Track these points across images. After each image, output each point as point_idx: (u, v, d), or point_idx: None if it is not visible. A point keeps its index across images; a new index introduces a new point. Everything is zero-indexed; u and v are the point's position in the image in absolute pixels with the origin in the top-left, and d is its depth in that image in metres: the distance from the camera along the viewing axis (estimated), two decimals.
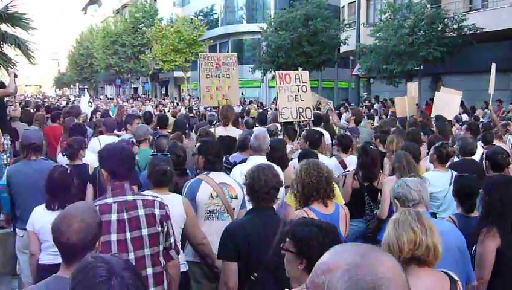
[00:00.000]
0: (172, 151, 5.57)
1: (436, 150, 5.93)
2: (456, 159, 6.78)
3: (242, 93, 36.52)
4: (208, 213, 4.70)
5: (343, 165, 7.16)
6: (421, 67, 23.25)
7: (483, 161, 5.92)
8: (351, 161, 7.06)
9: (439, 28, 22.22)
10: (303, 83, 10.08)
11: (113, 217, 3.52)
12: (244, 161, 5.88)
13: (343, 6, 35.33)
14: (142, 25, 49.87)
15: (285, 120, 9.99)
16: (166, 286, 3.75)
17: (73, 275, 1.85)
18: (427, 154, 6.83)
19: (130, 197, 3.64)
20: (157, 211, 3.66)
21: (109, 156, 3.74)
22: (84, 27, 78.32)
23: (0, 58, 12.66)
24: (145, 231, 3.59)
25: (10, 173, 5.77)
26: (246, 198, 4.19)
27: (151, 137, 7.61)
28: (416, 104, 13.96)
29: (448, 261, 3.34)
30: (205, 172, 4.90)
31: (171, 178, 4.56)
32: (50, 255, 4.31)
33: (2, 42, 13.19)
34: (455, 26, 22.00)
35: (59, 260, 2.72)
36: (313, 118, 10.24)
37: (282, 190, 4.32)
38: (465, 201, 4.50)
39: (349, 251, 1.43)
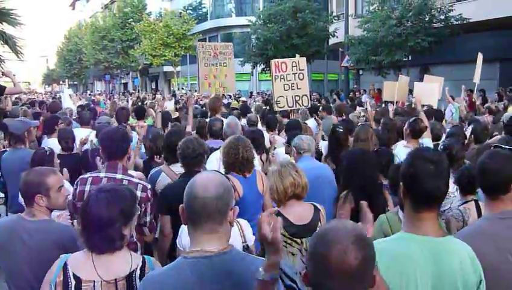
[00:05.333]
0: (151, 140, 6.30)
1: (409, 125, 6.45)
2: None
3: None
4: None
5: None
6: (410, 57, 23.35)
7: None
8: None
9: (427, 19, 22.32)
10: (300, 70, 10.04)
11: None
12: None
13: None
14: (131, 19, 49.61)
15: (281, 109, 10.06)
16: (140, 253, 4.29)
17: None
18: None
19: (119, 176, 4.20)
20: (138, 193, 4.08)
21: (103, 139, 4.35)
22: (73, 23, 77.86)
23: None
24: None
25: (1, 160, 6.09)
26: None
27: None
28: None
29: (321, 188, 5.03)
30: (167, 163, 5.47)
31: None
32: None
33: None
34: (442, 17, 22.12)
35: None
36: (309, 106, 10.31)
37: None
38: None
39: (200, 174, 2.44)
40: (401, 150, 6.20)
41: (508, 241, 2.81)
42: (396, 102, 12.81)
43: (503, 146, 3.49)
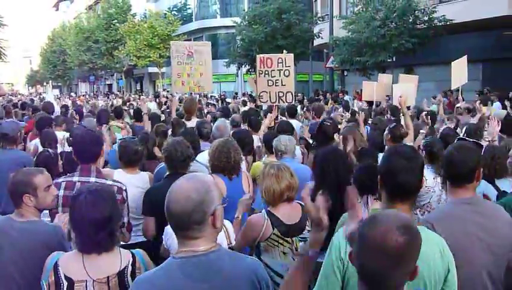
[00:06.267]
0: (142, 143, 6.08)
1: (390, 130, 6.33)
2: None
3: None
4: None
5: None
6: (394, 58, 23.53)
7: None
8: None
9: (410, 20, 22.51)
10: (286, 66, 9.84)
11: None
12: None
13: (316, 0, 35.50)
14: (116, 20, 49.35)
15: (263, 103, 10.06)
16: None
17: None
18: None
19: (92, 179, 4.16)
20: None
21: (75, 142, 4.37)
22: (56, 24, 77.26)
23: None
24: None
25: None
26: None
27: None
28: (387, 96, 14.15)
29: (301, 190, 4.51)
30: None
31: (141, 157, 5.22)
32: None
33: None
34: (426, 18, 22.30)
35: None
36: (293, 102, 10.31)
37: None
38: None
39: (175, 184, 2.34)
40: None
41: (474, 225, 3.03)
42: (379, 102, 12.94)
43: (468, 139, 3.69)
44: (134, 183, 4.89)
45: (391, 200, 2.72)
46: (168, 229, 3.58)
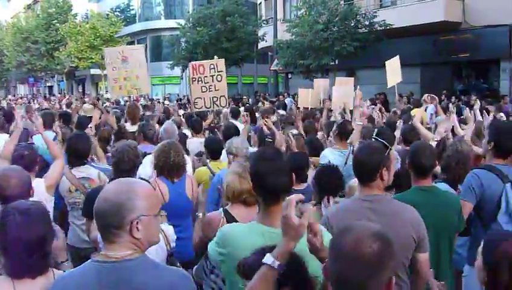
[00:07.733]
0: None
1: (338, 126, 6.34)
2: None
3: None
4: (71, 204, 5.44)
5: None
6: (336, 62, 23.94)
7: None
8: None
9: (352, 24, 22.98)
10: (218, 72, 10.17)
11: None
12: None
13: (260, 3, 35.77)
14: (56, 21, 48.01)
15: (198, 110, 10.18)
16: None
17: None
18: None
19: None
20: None
21: None
22: None
23: None
24: None
25: None
26: None
27: None
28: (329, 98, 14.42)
29: None
30: (70, 167, 5.46)
31: (28, 162, 4.87)
32: None
33: None
34: (367, 23, 22.84)
35: None
36: (230, 110, 10.43)
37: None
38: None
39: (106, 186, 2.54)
40: (328, 153, 6.11)
41: (364, 218, 3.21)
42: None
43: (379, 139, 3.86)
44: None
45: (265, 203, 2.80)
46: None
